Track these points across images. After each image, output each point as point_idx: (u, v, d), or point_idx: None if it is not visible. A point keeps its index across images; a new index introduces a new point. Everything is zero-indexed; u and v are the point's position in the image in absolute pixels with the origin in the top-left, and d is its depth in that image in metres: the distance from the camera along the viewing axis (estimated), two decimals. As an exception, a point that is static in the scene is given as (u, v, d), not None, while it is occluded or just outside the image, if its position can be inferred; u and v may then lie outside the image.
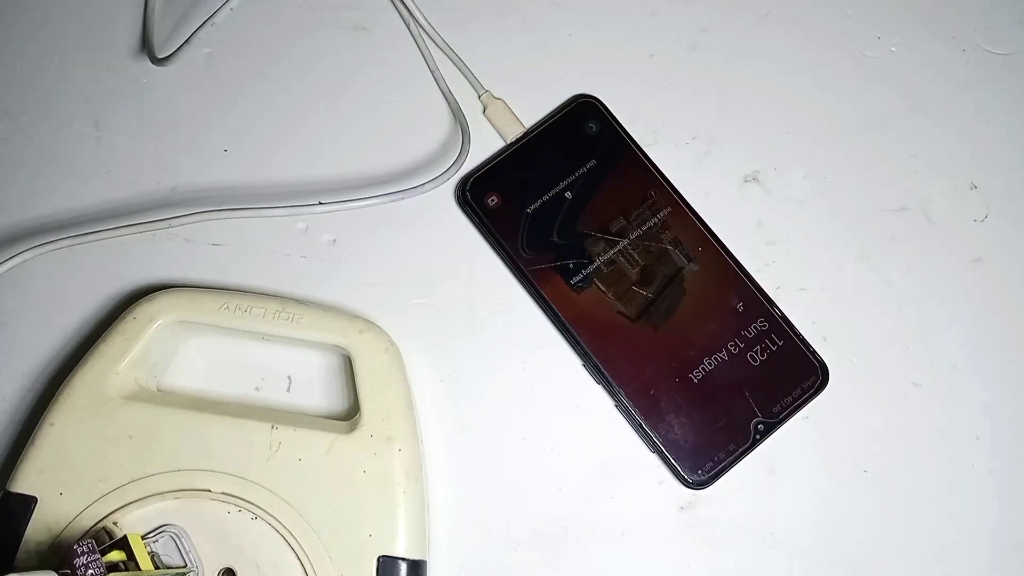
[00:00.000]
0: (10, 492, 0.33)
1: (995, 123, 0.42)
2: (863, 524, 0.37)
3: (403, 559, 0.33)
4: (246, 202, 0.40)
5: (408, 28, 0.42)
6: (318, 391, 0.38)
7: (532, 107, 0.41)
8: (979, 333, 0.39)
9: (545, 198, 0.39)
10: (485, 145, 0.40)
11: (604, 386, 0.38)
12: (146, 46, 0.40)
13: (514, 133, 0.40)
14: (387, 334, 0.37)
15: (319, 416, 0.37)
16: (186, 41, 0.37)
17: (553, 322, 0.38)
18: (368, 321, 0.37)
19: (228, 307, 0.36)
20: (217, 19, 0.36)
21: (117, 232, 0.37)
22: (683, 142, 0.41)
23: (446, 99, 0.40)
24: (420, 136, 0.41)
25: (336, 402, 0.38)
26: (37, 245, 0.36)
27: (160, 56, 0.39)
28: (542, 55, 0.42)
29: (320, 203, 0.36)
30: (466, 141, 0.38)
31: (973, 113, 0.42)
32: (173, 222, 0.37)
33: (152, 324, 0.36)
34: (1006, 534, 0.37)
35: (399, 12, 0.42)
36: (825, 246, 0.40)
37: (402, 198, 0.37)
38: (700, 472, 0.37)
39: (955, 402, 0.39)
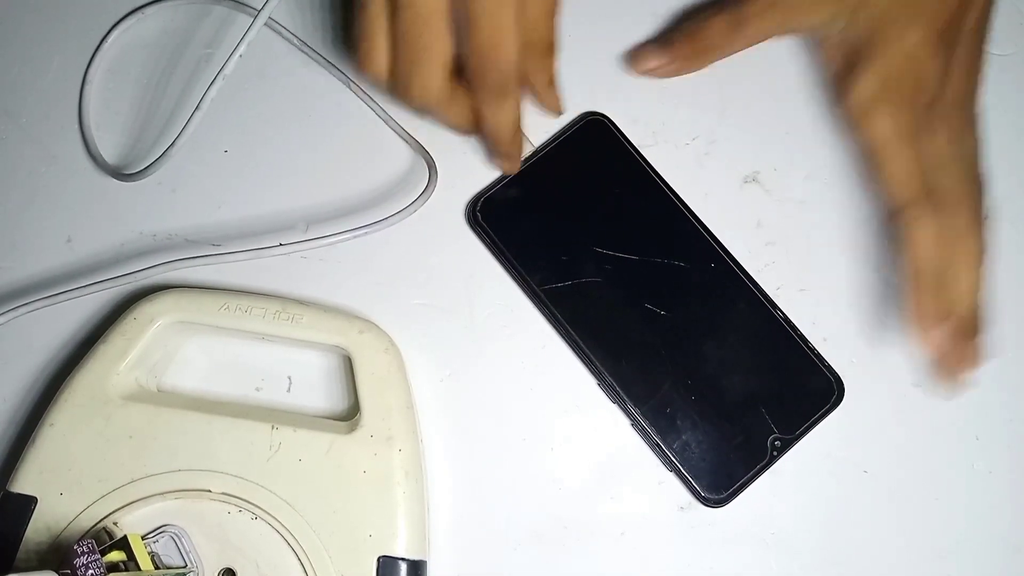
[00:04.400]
0: (10, 492, 0.33)
1: (995, 124, 0.42)
2: (863, 524, 0.37)
3: (403, 559, 0.33)
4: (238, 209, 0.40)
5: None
6: (318, 391, 0.38)
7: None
8: (979, 333, 0.39)
9: (556, 216, 0.39)
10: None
11: (620, 405, 0.37)
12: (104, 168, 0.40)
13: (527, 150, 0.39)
14: (387, 334, 0.37)
15: (319, 416, 0.37)
16: (154, 162, 0.37)
17: (566, 341, 0.38)
18: (368, 321, 0.37)
19: (228, 307, 0.36)
20: (180, 142, 0.36)
21: (91, 289, 0.36)
22: (683, 142, 0.41)
23: (404, 140, 0.40)
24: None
25: (336, 402, 0.38)
26: (24, 304, 0.36)
27: (127, 172, 0.38)
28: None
29: (280, 244, 0.36)
30: (433, 174, 0.38)
31: (973, 113, 0.41)
32: (140, 274, 0.36)
33: (152, 324, 0.36)
34: (1006, 534, 0.37)
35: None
36: (825, 246, 0.40)
37: (365, 233, 0.36)
38: (720, 491, 0.37)
39: (955, 402, 0.39)
